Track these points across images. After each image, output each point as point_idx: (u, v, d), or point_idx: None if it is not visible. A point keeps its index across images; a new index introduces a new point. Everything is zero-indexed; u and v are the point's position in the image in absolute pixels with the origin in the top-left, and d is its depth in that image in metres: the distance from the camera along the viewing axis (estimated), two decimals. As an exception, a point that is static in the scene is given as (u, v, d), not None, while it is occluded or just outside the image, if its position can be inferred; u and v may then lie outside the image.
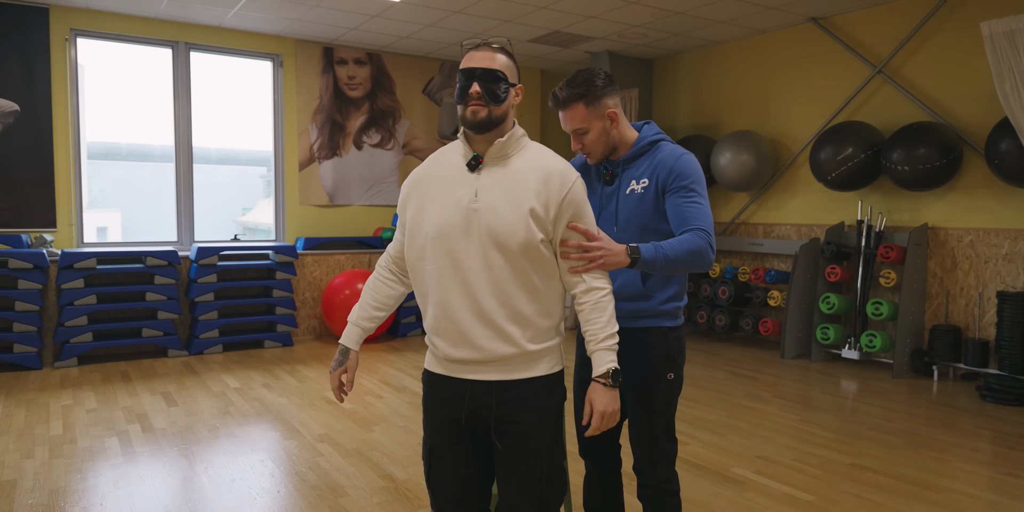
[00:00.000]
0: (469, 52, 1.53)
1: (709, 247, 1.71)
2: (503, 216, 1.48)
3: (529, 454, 1.53)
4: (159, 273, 5.09)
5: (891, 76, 4.97)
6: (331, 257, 6.11)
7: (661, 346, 1.86)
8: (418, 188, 1.58)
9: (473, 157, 1.53)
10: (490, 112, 1.49)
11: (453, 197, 1.51)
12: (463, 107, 1.50)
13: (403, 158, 6.69)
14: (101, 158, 5.87)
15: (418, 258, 1.55)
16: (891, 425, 3.67)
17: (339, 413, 3.82)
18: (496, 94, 1.49)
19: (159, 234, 5.76)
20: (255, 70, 6.10)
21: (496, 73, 1.50)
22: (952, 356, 4.59)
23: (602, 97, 1.79)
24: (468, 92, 1.49)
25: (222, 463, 3.06)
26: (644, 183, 1.84)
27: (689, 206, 1.76)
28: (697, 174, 1.80)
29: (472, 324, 1.50)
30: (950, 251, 4.72)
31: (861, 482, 2.90)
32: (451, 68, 6.88)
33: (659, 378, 1.86)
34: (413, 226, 1.56)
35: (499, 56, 1.52)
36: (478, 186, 1.51)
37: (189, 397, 4.11)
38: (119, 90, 5.65)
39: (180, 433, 3.46)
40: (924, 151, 4.47)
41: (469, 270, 1.49)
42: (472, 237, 1.49)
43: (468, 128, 1.51)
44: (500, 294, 1.49)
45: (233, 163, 6.75)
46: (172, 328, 5.16)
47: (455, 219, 1.50)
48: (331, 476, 2.94)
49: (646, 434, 1.88)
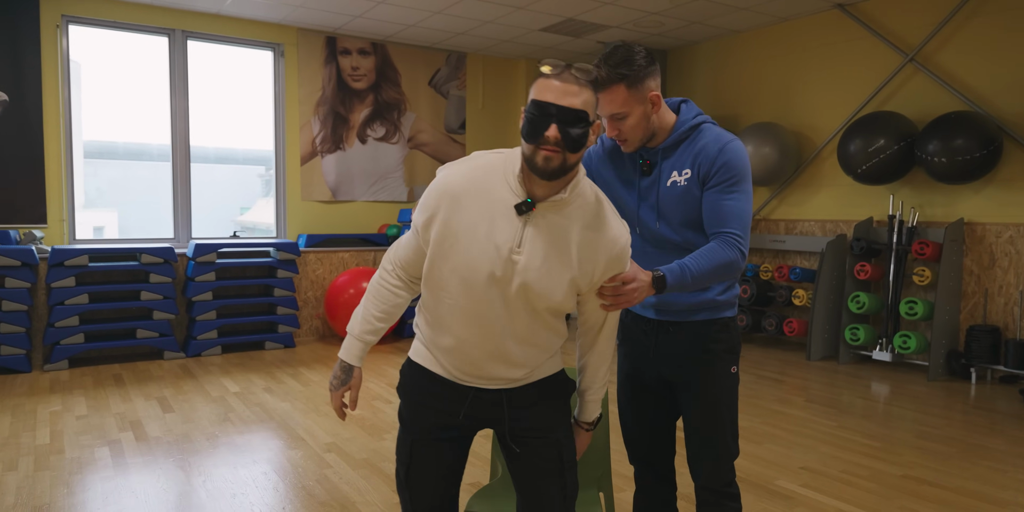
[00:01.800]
0: (547, 79, 1.27)
1: (740, 255, 1.57)
2: (542, 277, 1.34)
3: (550, 446, 1.48)
4: (155, 271, 4.84)
5: (924, 64, 4.73)
6: (335, 255, 5.86)
7: (724, 338, 1.71)
8: (451, 211, 1.34)
9: (525, 202, 1.32)
10: (565, 160, 1.28)
11: (492, 241, 1.33)
12: (532, 148, 1.28)
13: (408, 152, 6.44)
14: (98, 157, 5.63)
15: (436, 286, 1.41)
16: (937, 432, 3.44)
17: (347, 421, 3.58)
18: (577, 141, 1.27)
19: (156, 233, 5.52)
20: (255, 60, 5.86)
21: (580, 114, 1.27)
22: (991, 358, 4.36)
23: (645, 78, 1.57)
24: (543, 134, 1.26)
25: (221, 476, 2.82)
26: (687, 174, 1.64)
27: (726, 203, 1.59)
28: (742, 166, 1.60)
29: (487, 361, 1.43)
30: (988, 247, 4.49)
31: (919, 496, 2.67)
32: (457, 59, 6.65)
33: (723, 372, 1.70)
34: (437, 253, 1.37)
35: (585, 92, 1.28)
36: (524, 235, 1.33)
37: (186, 402, 3.86)
38: (115, 85, 5.40)
39: (176, 442, 3.21)
40: (962, 142, 4.24)
41: (492, 317, 1.38)
42: (503, 287, 1.35)
43: (535, 174, 1.30)
44: (521, 339, 1.42)
45: (231, 162, 6.52)
46: (168, 329, 4.91)
47: (489, 266, 1.34)
48: (341, 490, 2.69)
49: (710, 432, 1.70)
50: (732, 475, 1.72)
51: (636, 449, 1.85)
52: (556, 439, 1.49)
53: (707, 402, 1.69)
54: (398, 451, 1.54)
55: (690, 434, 1.73)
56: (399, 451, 1.54)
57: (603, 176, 1.79)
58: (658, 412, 1.81)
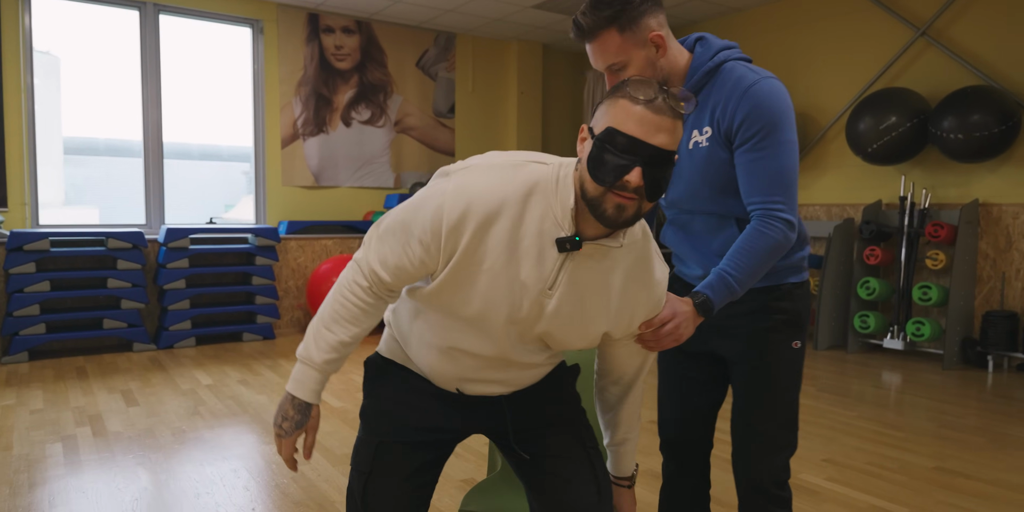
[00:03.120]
0: (634, 105, 1.00)
1: (787, 228, 1.29)
2: (571, 327, 1.14)
3: (572, 440, 1.29)
4: (123, 257, 4.53)
5: (936, 38, 4.51)
6: (317, 242, 5.57)
7: (785, 308, 1.42)
8: (477, 239, 1.06)
9: (572, 239, 1.06)
10: (639, 210, 1.04)
11: (520, 279, 1.08)
12: (602, 191, 1.01)
13: (395, 136, 6.16)
14: (77, 153, 5.31)
15: (436, 311, 1.16)
16: (961, 422, 3.21)
17: (328, 413, 3.30)
18: (661, 188, 1.03)
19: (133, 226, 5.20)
20: (232, 37, 5.55)
21: (670, 156, 1.02)
22: (1008, 345, 4.14)
23: (640, 18, 1.29)
24: (622, 178, 1.00)
25: (186, 474, 2.53)
26: (707, 132, 1.35)
27: (760, 165, 1.29)
28: (774, 111, 1.28)
29: (474, 383, 1.23)
30: (1004, 229, 4.28)
31: (955, 489, 2.43)
32: (447, 40, 6.37)
33: (783, 346, 1.42)
34: (448, 283, 1.10)
35: (679, 127, 1.03)
36: (560, 276, 1.09)
37: (153, 395, 3.56)
38: (91, 78, 5.06)
39: (138, 437, 2.91)
40: (979, 117, 4.02)
41: (496, 351, 1.17)
42: (522, 328, 1.14)
43: (599, 221, 1.04)
44: (524, 366, 1.22)
45: (215, 159, 6.20)
46: (138, 319, 4.60)
47: (510, 309, 1.10)
48: (319, 489, 2.42)
49: (762, 417, 1.42)
50: (785, 474, 1.43)
51: (669, 432, 1.59)
52: (576, 432, 1.30)
53: (762, 381, 1.42)
54: (354, 460, 1.27)
55: (738, 419, 1.46)
56: (356, 460, 1.26)
57: None
58: (702, 392, 1.55)
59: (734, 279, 1.26)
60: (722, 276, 1.27)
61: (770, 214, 1.28)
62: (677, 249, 1.53)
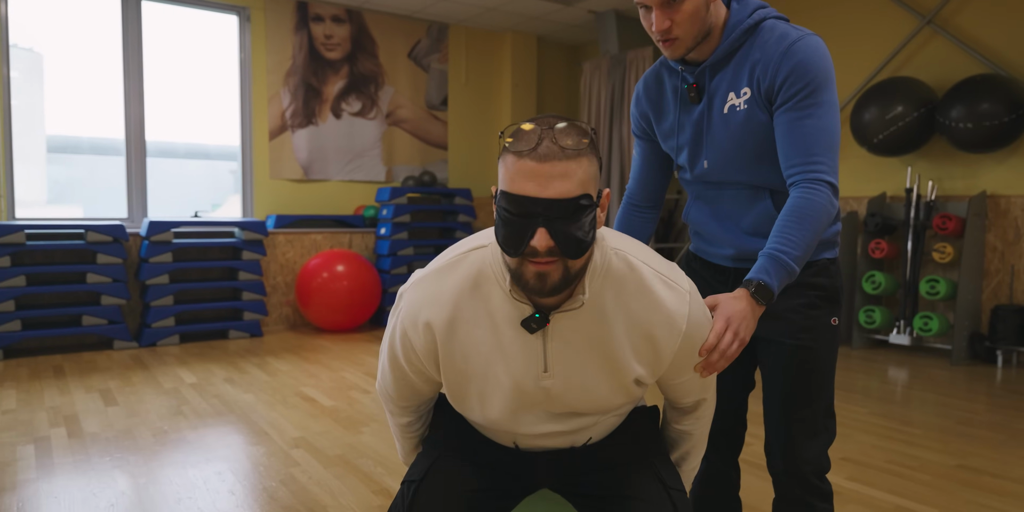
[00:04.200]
0: (524, 159, 0.87)
1: (832, 193, 1.18)
2: (591, 392, 1.03)
3: (652, 480, 1.13)
4: (103, 251, 4.34)
5: (942, 26, 4.41)
6: (306, 236, 5.40)
7: (822, 284, 1.31)
8: (446, 351, 1.02)
9: (533, 318, 0.97)
10: (567, 271, 0.92)
11: (511, 375, 1.01)
12: (517, 262, 0.92)
13: (387, 129, 5.99)
14: (60, 152, 5.11)
15: (467, 415, 1.13)
16: (978, 418, 3.10)
17: (318, 412, 3.14)
18: (580, 241, 0.90)
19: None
20: (218, 26, 5.37)
21: (579, 202, 0.88)
22: (1017, 339, 4.04)
23: None
24: (528, 243, 0.88)
25: (167, 477, 2.36)
26: (746, 94, 1.23)
27: (805, 124, 1.18)
28: (820, 68, 1.18)
29: (541, 440, 1.13)
30: (1012, 221, 4.18)
31: (982, 488, 2.31)
32: (439, 30, 6.21)
33: (823, 323, 1.30)
34: (452, 391, 1.08)
35: (582, 163, 0.89)
36: (547, 354, 1.00)
37: (133, 395, 3.39)
38: (75, 75, 4.87)
39: (116, 439, 2.74)
40: (988, 106, 3.92)
41: (540, 437, 1.10)
42: (540, 418, 1.07)
43: (529, 294, 0.95)
44: (582, 428, 1.11)
45: (201, 157, 6.01)
46: (119, 316, 4.41)
47: (516, 403, 1.03)
48: (309, 492, 2.26)
49: (801, 401, 1.30)
50: (827, 463, 1.31)
51: None
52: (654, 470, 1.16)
53: (803, 362, 1.29)
54: (408, 473, 1.16)
55: (775, 404, 1.33)
56: (410, 471, 1.16)
57: (642, 120, 1.44)
58: (732, 376, 1.44)
59: (788, 256, 1.14)
60: (773, 256, 1.14)
61: (812, 178, 1.17)
62: (704, 227, 1.40)
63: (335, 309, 4.89)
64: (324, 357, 4.30)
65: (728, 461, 1.50)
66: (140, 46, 4.98)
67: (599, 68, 6.03)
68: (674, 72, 1.34)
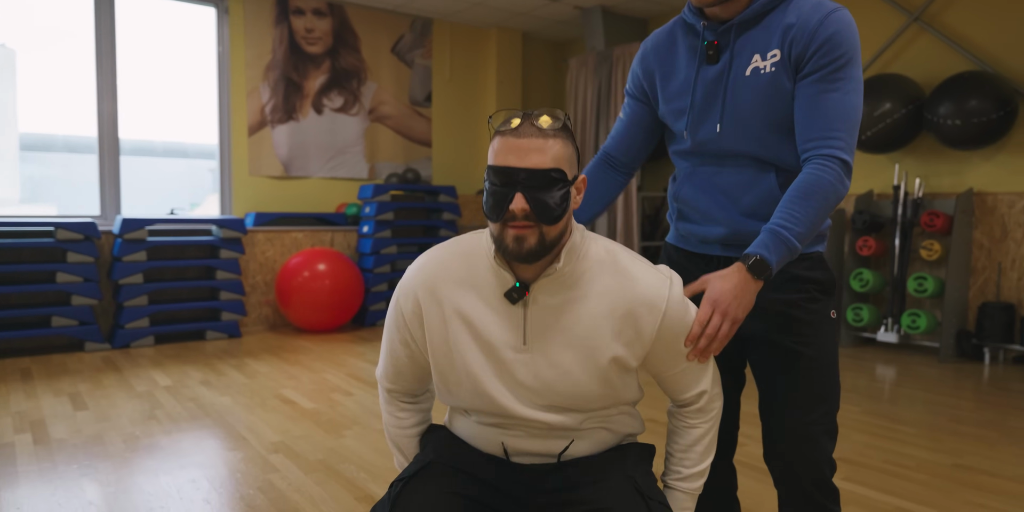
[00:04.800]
0: (505, 137, 1.01)
1: (844, 170, 1.15)
2: (569, 373, 1.06)
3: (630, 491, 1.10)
4: (73, 249, 4.19)
5: (930, 23, 4.40)
6: (287, 234, 5.27)
7: (818, 277, 1.27)
8: (433, 309, 1.09)
9: (515, 288, 1.05)
10: (543, 236, 1.01)
11: (491, 347, 1.07)
12: (499, 227, 1.03)
13: (370, 125, 5.88)
14: (34, 150, 4.94)
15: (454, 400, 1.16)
16: (971, 416, 3.06)
17: (299, 415, 3.03)
18: (552, 209, 1.01)
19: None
20: (195, 19, 5.23)
21: (553, 174, 1.01)
22: (1004, 337, 4.03)
23: None
24: (507, 207, 1.00)
25: (138, 485, 2.25)
26: (774, 56, 1.17)
27: (830, 98, 1.14)
28: (852, 44, 1.15)
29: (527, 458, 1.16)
30: (999, 218, 4.17)
31: (981, 488, 2.26)
32: (423, 25, 6.11)
33: (822, 317, 1.25)
34: (442, 364, 1.12)
35: (556, 143, 1.01)
36: (526, 327, 1.06)
37: (104, 398, 3.26)
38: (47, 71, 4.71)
39: (84, 445, 2.62)
40: (976, 103, 3.90)
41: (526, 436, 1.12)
42: (524, 397, 1.08)
43: (510, 259, 1.04)
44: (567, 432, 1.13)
45: (180, 156, 5.87)
46: (90, 316, 4.26)
47: (493, 374, 1.07)
48: (289, 499, 2.16)
49: (813, 401, 1.24)
50: (834, 463, 1.26)
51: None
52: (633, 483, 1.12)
53: (806, 358, 1.23)
54: (399, 475, 1.16)
55: (782, 408, 1.25)
56: (401, 474, 1.16)
57: (644, 78, 1.35)
58: (730, 372, 1.37)
59: (789, 232, 1.10)
60: (773, 231, 1.11)
61: (826, 154, 1.14)
62: (697, 204, 1.31)
63: (316, 309, 4.77)
64: (305, 358, 4.18)
65: (724, 462, 1.44)
66: (113, 40, 4.83)
67: (585, 64, 5.97)
68: (691, 30, 1.27)
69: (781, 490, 1.28)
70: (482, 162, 6.50)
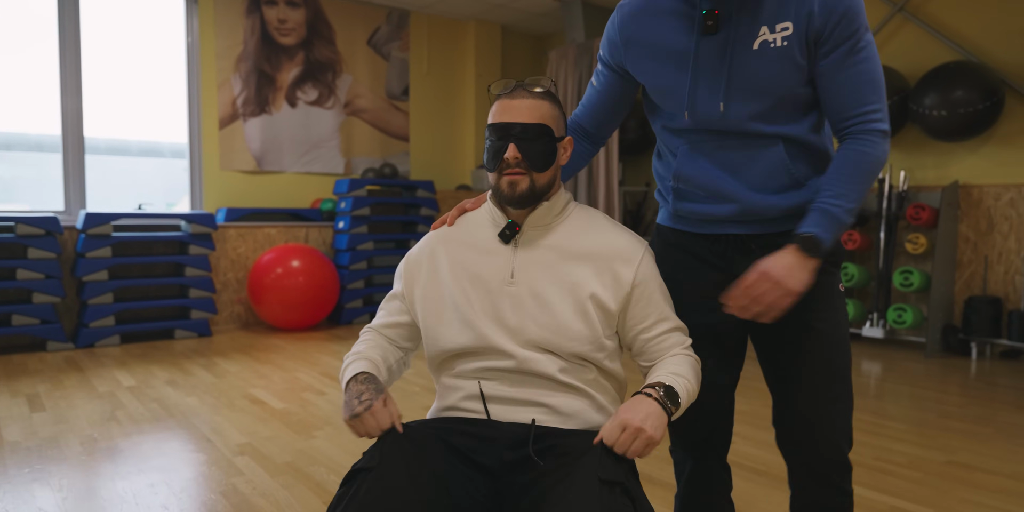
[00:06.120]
0: (501, 99, 1.18)
1: (884, 140, 1.13)
2: (550, 304, 1.15)
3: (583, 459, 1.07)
4: (35, 245, 4.01)
5: (914, 14, 4.36)
6: (259, 230, 5.11)
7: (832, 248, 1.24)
8: (431, 262, 1.24)
9: (508, 224, 1.19)
10: (533, 182, 1.16)
11: (482, 279, 1.19)
12: (496, 176, 1.17)
13: (345, 119, 5.73)
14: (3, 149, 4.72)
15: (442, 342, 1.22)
16: (961, 411, 3.00)
17: (268, 415, 2.89)
18: (542, 157, 1.16)
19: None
20: (163, 8, 5.05)
21: (542, 128, 1.15)
22: (991, 331, 3.99)
23: None
24: (503, 156, 1.15)
25: (93, 490, 2.10)
26: (786, 30, 1.09)
27: (860, 70, 1.11)
28: (862, 14, 1.11)
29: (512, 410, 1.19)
30: (985, 211, 4.13)
31: (975, 485, 2.19)
32: (399, 17, 5.98)
33: (831, 292, 1.20)
34: (432, 299, 1.22)
35: (543, 104, 1.17)
36: (515, 265, 1.19)
37: (63, 400, 3.09)
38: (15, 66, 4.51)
39: (38, 448, 2.46)
40: (962, 93, 3.86)
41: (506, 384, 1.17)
42: (508, 331, 1.16)
43: (505, 203, 1.18)
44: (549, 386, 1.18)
45: (154, 155, 5.67)
46: (53, 315, 4.08)
47: (480, 308, 1.17)
48: (253, 503, 2.03)
49: (832, 383, 1.19)
50: (851, 442, 1.22)
51: (692, 427, 1.31)
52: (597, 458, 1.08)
53: (823, 333, 1.19)
54: (363, 456, 1.08)
55: (789, 385, 1.21)
56: (366, 453, 1.07)
57: (625, 46, 1.23)
58: (725, 368, 1.29)
59: (841, 209, 1.09)
60: (824, 210, 1.10)
61: (866, 128, 1.12)
62: (700, 181, 1.22)
63: (290, 307, 4.62)
64: (277, 357, 4.03)
65: (718, 461, 1.35)
66: (78, 33, 4.64)
67: (565, 57, 5.87)
68: None
69: (798, 472, 1.23)
70: (461, 157, 6.38)
